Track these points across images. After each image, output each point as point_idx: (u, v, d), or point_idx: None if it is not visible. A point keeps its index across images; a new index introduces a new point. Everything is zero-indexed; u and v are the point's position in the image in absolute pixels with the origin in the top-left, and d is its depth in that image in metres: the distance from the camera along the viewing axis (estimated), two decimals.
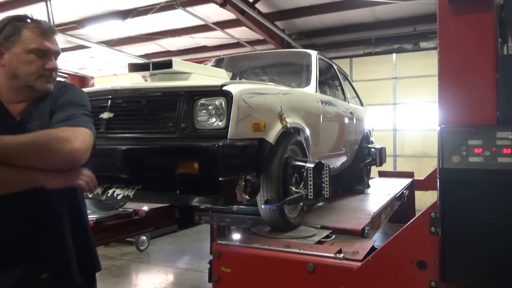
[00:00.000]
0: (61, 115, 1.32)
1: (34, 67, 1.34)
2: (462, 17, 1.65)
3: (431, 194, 4.84)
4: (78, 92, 1.46)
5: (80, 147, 1.23)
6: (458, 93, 1.65)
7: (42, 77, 1.36)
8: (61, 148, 1.19)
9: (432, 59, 8.00)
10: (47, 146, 1.18)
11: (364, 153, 4.31)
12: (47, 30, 1.38)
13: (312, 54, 3.42)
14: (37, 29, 1.36)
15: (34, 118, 1.34)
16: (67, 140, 1.21)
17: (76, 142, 1.22)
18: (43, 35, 1.36)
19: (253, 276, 1.93)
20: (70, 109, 1.34)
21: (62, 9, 7.32)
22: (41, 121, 1.33)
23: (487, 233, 1.50)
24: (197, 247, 5.67)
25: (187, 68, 2.35)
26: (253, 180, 2.02)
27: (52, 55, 1.39)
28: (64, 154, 1.20)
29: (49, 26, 1.42)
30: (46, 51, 1.36)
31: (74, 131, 1.26)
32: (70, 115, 1.31)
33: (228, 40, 9.02)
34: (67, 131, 1.24)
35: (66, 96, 1.40)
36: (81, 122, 1.30)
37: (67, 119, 1.30)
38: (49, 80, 1.37)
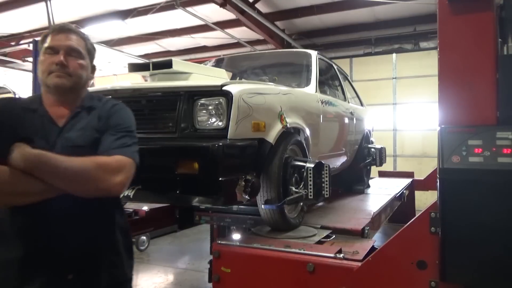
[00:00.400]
0: (113, 141, 1.34)
1: (45, 65, 1.38)
2: (462, 17, 1.65)
3: (431, 194, 4.84)
4: (128, 114, 1.48)
5: (123, 181, 1.27)
6: (458, 93, 1.65)
7: (52, 73, 1.37)
8: (107, 179, 1.23)
9: (432, 59, 8.00)
10: (94, 175, 1.22)
11: (364, 153, 4.31)
12: (58, 28, 1.42)
13: (312, 54, 3.42)
14: (52, 30, 1.43)
15: (77, 128, 1.37)
16: (116, 172, 1.25)
17: (122, 176, 1.26)
18: (54, 33, 1.41)
19: (253, 276, 1.93)
20: (122, 135, 1.37)
21: (62, 9, 7.32)
22: (84, 133, 1.36)
23: (487, 233, 1.50)
24: (197, 247, 5.67)
25: (187, 68, 2.35)
26: (253, 180, 2.02)
27: (62, 50, 1.39)
28: (108, 186, 1.24)
29: (63, 24, 1.46)
30: (56, 48, 1.39)
31: (123, 163, 1.29)
32: (123, 143, 1.34)
33: (228, 40, 9.02)
34: (117, 162, 1.28)
35: (117, 117, 1.42)
36: (130, 153, 1.33)
37: (120, 147, 1.33)
38: (59, 75, 1.37)
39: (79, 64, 1.41)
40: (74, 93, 1.43)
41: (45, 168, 1.19)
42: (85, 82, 1.47)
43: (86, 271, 1.33)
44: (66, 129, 1.37)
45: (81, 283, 1.32)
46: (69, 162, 1.22)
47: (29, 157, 1.19)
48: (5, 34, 9.15)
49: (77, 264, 1.31)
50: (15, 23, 8.41)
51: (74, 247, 1.30)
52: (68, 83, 1.38)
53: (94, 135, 1.36)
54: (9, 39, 9.36)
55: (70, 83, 1.39)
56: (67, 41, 1.40)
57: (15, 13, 7.64)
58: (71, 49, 1.40)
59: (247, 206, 2.66)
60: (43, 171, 1.19)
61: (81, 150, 1.30)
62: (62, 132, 1.36)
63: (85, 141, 1.34)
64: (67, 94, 1.42)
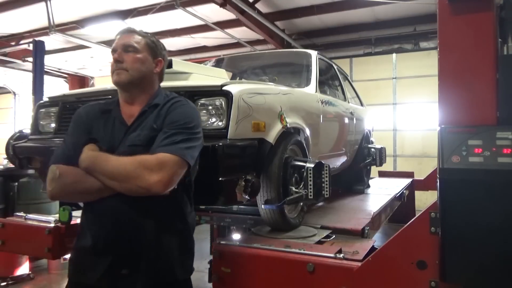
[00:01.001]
0: (163, 139, 1.37)
1: (111, 66, 1.49)
2: (462, 17, 1.65)
3: (431, 194, 4.84)
4: (185, 109, 1.48)
5: (164, 179, 1.29)
6: (458, 93, 1.65)
7: (113, 72, 1.47)
8: (145, 177, 1.27)
9: (432, 59, 8.00)
10: (133, 174, 1.28)
11: (364, 153, 4.31)
12: (119, 32, 1.53)
13: (312, 54, 3.42)
14: (115, 36, 1.54)
15: (137, 128, 1.43)
16: (155, 170, 1.28)
17: (162, 173, 1.28)
18: (117, 37, 1.52)
19: (253, 276, 1.93)
20: (174, 133, 1.38)
21: (62, 9, 7.32)
22: (142, 132, 1.42)
23: (487, 233, 1.50)
24: (197, 247, 5.62)
25: (187, 68, 2.35)
26: (253, 180, 2.02)
27: (119, 49, 1.48)
28: (147, 184, 1.27)
29: (126, 27, 1.57)
30: (115, 48, 1.49)
31: (164, 161, 1.31)
32: (172, 141, 1.36)
33: (228, 40, 9.02)
34: (157, 159, 1.30)
35: (174, 114, 1.44)
36: (177, 150, 1.34)
37: (167, 145, 1.35)
38: (117, 72, 1.46)
39: (134, 58, 1.47)
40: (138, 89, 1.49)
41: (97, 168, 1.32)
42: (148, 76, 1.51)
43: (133, 267, 1.38)
44: (132, 128, 1.44)
45: (134, 279, 1.37)
46: (115, 162, 1.31)
47: (87, 158, 1.35)
48: (5, 34, 9.15)
49: (127, 260, 1.38)
50: (15, 23, 8.41)
51: (121, 244, 1.37)
52: (125, 77, 1.45)
53: (151, 134, 1.40)
54: (9, 39, 9.36)
55: (127, 78, 1.45)
56: (123, 40, 1.49)
57: (15, 13, 7.64)
58: (127, 46, 1.47)
59: (247, 206, 2.66)
60: (96, 170, 1.32)
61: (139, 149, 1.36)
62: (128, 131, 1.43)
63: (141, 141, 1.39)
64: (131, 90, 1.48)
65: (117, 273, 1.37)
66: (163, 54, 1.58)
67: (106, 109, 1.53)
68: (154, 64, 1.53)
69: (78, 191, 1.37)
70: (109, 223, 1.38)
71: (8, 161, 3.91)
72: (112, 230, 1.38)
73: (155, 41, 1.56)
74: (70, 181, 1.36)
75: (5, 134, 8.12)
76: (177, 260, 1.47)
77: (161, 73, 1.59)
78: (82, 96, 2.41)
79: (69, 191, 1.37)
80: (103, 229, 1.39)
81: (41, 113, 2.55)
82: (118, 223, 1.37)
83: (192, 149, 1.39)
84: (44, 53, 7.83)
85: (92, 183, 1.33)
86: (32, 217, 2.78)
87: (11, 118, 14.73)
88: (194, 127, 1.43)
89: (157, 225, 1.40)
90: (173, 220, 1.46)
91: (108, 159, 1.32)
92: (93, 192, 1.35)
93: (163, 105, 1.48)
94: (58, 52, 10.16)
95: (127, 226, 1.37)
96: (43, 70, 7.85)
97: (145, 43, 1.51)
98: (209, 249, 4.00)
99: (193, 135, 1.41)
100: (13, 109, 14.85)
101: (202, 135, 1.49)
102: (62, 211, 2.50)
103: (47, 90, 7.47)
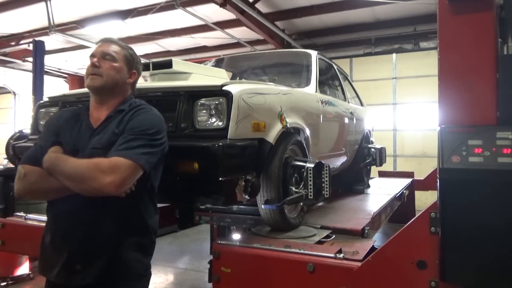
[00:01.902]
0: (120, 143, 1.43)
1: (86, 69, 1.57)
2: (462, 17, 1.65)
3: (431, 194, 4.84)
4: (147, 116, 1.55)
5: (115, 181, 1.34)
6: (458, 93, 1.65)
7: (88, 76, 1.54)
8: (98, 179, 1.32)
9: (432, 59, 8.00)
10: (88, 175, 1.33)
11: (364, 153, 4.31)
12: (102, 40, 1.62)
13: (312, 54, 3.42)
14: (96, 43, 1.62)
15: (101, 132, 1.50)
16: (107, 172, 1.33)
17: (114, 176, 1.34)
18: (98, 44, 1.61)
19: (253, 276, 1.93)
20: (132, 138, 1.44)
21: (62, 9, 7.32)
22: (103, 136, 1.49)
23: (487, 233, 1.50)
24: (197, 247, 5.67)
25: (187, 68, 2.35)
26: (253, 180, 2.02)
27: (98, 55, 1.55)
28: (100, 185, 1.32)
29: (108, 37, 1.65)
30: (94, 54, 1.57)
31: (117, 164, 1.36)
32: (128, 146, 1.42)
33: (228, 40, 9.02)
34: (110, 162, 1.36)
35: (135, 120, 1.51)
36: (132, 155, 1.39)
37: (123, 149, 1.41)
38: (92, 77, 1.53)
39: (111, 66, 1.55)
40: (109, 95, 1.57)
41: (56, 169, 1.38)
42: (121, 84, 1.59)
43: (88, 264, 1.43)
44: (96, 132, 1.51)
45: (85, 274, 1.42)
46: (73, 163, 1.38)
47: (48, 159, 1.41)
48: (5, 34, 9.15)
49: (81, 257, 1.43)
50: (15, 23, 8.41)
51: (76, 241, 1.43)
52: (98, 83, 1.53)
53: (112, 138, 1.46)
54: (9, 39, 9.36)
55: (100, 83, 1.53)
56: (103, 47, 1.57)
57: (15, 13, 7.64)
58: (105, 53, 1.56)
59: (247, 206, 2.66)
60: (55, 171, 1.39)
61: (99, 152, 1.42)
62: (93, 135, 1.50)
63: (102, 144, 1.46)
64: (103, 95, 1.56)
65: (72, 268, 1.43)
66: (138, 68, 1.68)
67: (77, 113, 1.61)
68: (128, 75, 1.62)
69: (40, 190, 1.46)
70: (66, 221, 1.45)
71: (8, 161, 3.91)
72: (69, 228, 1.45)
73: (133, 54, 1.66)
74: (33, 181, 1.44)
75: (5, 134, 8.13)
76: (136, 258, 1.51)
77: (134, 84, 1.69)
78: (82, 96, 2.41)
79: (33, 190, 1.47)
80: (61, 226, 1.47)
81: (41, 113, 2.55)
82: (74, 221, 1.44)
83: (149, 155, 1.44)
84: (44, 53, 7.83)
85: (52, 183, 1.40)
86: (32, 217, 2.78)
87: (11, 118, 14.74)
88: (154, 134, 1.48)
89: (112, 224, 1.46)
90: (130, 221, 1.50)
91: (67, 161, 1.39)
92: (53, 191, 1.43)
93: (127, 112, 1.54)
94: (58, 52, 10.16)
95: (82, 224, 1.44)
96: (43, 70, 7.84)
97: (124, 54, 1.60)
98: (209, 249, 4.00)
99: (152, 141, 1.47)
100: (13, 109, 14.85)
101: (164, 141, 1.53)
102: None
103: (47, 90, 7.47)
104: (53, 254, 1.47)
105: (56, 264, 1.44)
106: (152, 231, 1.59)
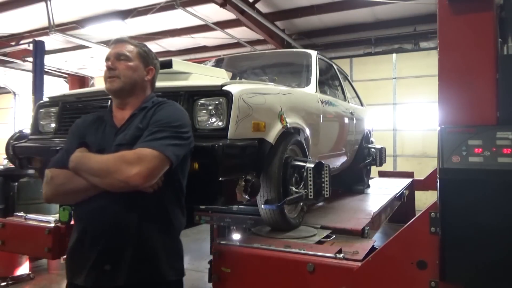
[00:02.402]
0: (146, 136, 1.42)
1: (104, 74, 1.57)
2: (462, 17, 1.65)
3: (431, 194, 4.84)
4: (171, 109, 1.54)
5: (141, 172, 1.32)
6: (458, 93, 1.65)
7: (106, 79, 1.55)
8: (123, 170, 1.31)
9: (432, 59, 8.00)
10: (113, 168, 1.32)
11: (364, 153, 4.31)
12: (114, 41, 1.62)
13: (312, 54, 3.42)
14: (109, 45, 1.65)
15: (124, 130, 1.50)
16: (133, 163, 1.32)
17: (140, 167, 1.32)
18: (111, 46, 1.61)
19: (253, 276, 1.93)
20: (157, 130, 1.43)
21: (62, 9, 7.32)
22: (128, 132, 1.48)
23: (487, 233, 1.50)
24: (197, 247, 5.67)
25: (187, 68, 2.35)
26: (253, 180, 2.01)
27: (112, 57, 1.55)
28: (125, 177, 1.31)
29: (119, 37, 1.66)
30: (108, 56, 1.57)
31: (142, 155, 1.35)
32: (153, 137, 1.40)
33: (228, 40, 9.02)
34: (135, 153, 1.35)
35: (159, 114, 1.50)
36: (158, 146, 1.37)
37: (148, 141, 1.39)
38: (110, 80, 1.54)
39: (126, 66, 1.54)
40: (130, 95, 1.56)
41: (81, 167, 1.38)
42: (139, 83, 1.58)
43: (116, 263, 1.40)
44: (120, 130, 1.51)
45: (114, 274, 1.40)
46: (98, 159, 1.38)
47: (74, 158, 1.41)
48: (5, 34, 9.15)
49: (109, 256, 1.40)
50: (15, 23, 8.41)
51: (104, 241, 1.41)
52: (117, 85, 1.53)
53: (136, 133, 1.45)
54: (9, 39, 9.36)
55: (119, 85, 1.53)
56: (116, 49, 1.57)
57: (15, 13, 7.64)
58: (119, 54, 1.56)
59: (247, 206, 2.66)
60: (81, 169, 1.39)
61: (124, 148, 1.40)
62: (117, 133, 1.50)
63: (127, 140, 1.45)
64: (123, 96, 1.56)
65: (100, 269, 1.40)
66: (155, 63, 1.67)
67: (100, 116, 1.62)
68: (146, 72, 1.61)
69: (68, 191, 1.45)
70: (94, 220, 1.43)
71: (8, 161, 3.91)
72: (96, 227, 1.43)
73: (147, 50, 1.65)
74: (60, 182, 1.45)
75: (5, 134, 8.12)
76: (164, 260, 1.48)
77: (153, 81, 1.67)
78: (82, 96, 2.41)
79: (60, 192, 1.46)
80: (88, 227, 1.45)
81: (41, 113, 2.55)
82: (102, 221, 1.42)
83: (176, 146, 1.42)
84: (44, 53, 7.83)
85: (79, 183, 1.40)
86: (32, 217, 2.78)
87: (11, 118, 14.73)
88: (179, 126, 1.47)
89: (140, 223, 1.43)
90: (157, 221, 1.48)
91: (91, 157, 1.40)
92: (81, 192, 1.42)
93: (150, 108, 1.54)
94: (58, 52, 10.16)
95: (110, 223, 1.41)
96: (43, 70, 7.85)
97: (137, 52, 1.59)
98: (209, 249, 4.00)
99: (177, 133, 1.45)
100: (13, 109, 14.85)
101: (190, 136, 1.52)
102: (62, 211, 2.50)
103: (47, 90, 7.47)
104: (82, 257, 1.44)
105: (85, 267, 1.41)
106: (178, 233, 1.57)
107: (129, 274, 1.40)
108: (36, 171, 3.03)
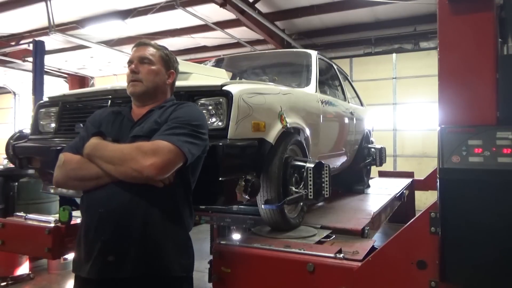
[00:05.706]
0: (164, 130, 1.43)
1: (126, 76, 1.60)
2: (462, 17, 1.65)
3: (431, 194, 4.84)
4: (191, 109, 1.56)
5: (156, 163, 1.33)
6: (458, 93, 1.65)
7: (129, 83, 1.58)
8: (139, 160, 1.33)
9: (432, 59, 8.00)
10: (128, 156, 1.34)
11: (364, 153, 4.31)
12: (137, 44, 1.63)
13: (312, 54, 3.42)
14: (132, 48, 1.64)
15: (141, 123, 1.52)
16: (149, 154, 1.33)
17: (155, 158, 1.33)
18: (133, 49, 1.63)
19: (253, 276, 1.93)
20: (175, 126, 1.44)
21: (62, 9, 7.32)
22: (145, 125, 1.50)
23: (487, 233, 1.50)
24: (197, 247, 5.62)
25: (187, 68, 2.34)
26: (253, 180, 2.02)
27: (135, 60, 1.57)
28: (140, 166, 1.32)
29: (140, 40, 1.67)
30: (131, 59, 1.59)
31: (159, 146, 1.36)
32: (171, 132, 1.42)
33: (228, 40, 9.02)
34: (152, 145, 1.37)
35: (179, 111, 1.52)
36: (175, 140, 1.39)
37: (166, 134, 1.41)
38: (133, 84, 1.56)
39: (149, 69, 1.57)
40: (151, 98, 1.59)
41: (96, 153, 1.40)
42: (161, 86, 1.61)
43: (120, 255, 1.39)
44: (137, 124, 1.53)
45: (119, 266, 1.38)
46: (114, 147, 1.40)
47: (89, 145, 1.43)
48: (5, 34, 9.15)
49: (113, 247, 1.39)
50: (15, 23, 8.41)
51: (109, 231, 1.40)
52: (140, 89, 1.55)
53: (153, 127, 1.47)
54: (9, 39, 9.36)
55: (142, 88, 1.55)
56: (139, 52, 1.59)
57: (15, 13, 7.63)
58: (142, 58, 1.58)
59: (247, 206, 2.66)
60: (95, 155, 1.40)
61: (140, 139, 1.43)
62: (134, 126, 1.52)
63: (143, 132, 1.47)
64: (145, 99, 1.58)
65: (104, 260, 1.39)
66: (175, 67, 1.69)
67: (119, 111, 1.64)
68: (167, 75, 1.64)
69: (78, 177, 1.45)
70: (100, 210, 1.42)
71: (8, 161, 3.91)
72: (102, 217, 1.42)
73: (169, 53, 1.67)
74: (72, 167, 1.45)
75: (5, 134, 8.13)
76: (171, 256, 1.47)
77: (173, 84, 1.70)
78: (82, 96, 2.41)
79: (70, 176, 1.46)
80: (95, 215, 1.43)
81: (41, 113, 2.55)
82: (108, 211, 1.41)
83: (192, 144, 1.43)
84: (44, 53, 7.83)
85: (91, 170, 1.41)
86: (32, 217, 2.78)
87: (11, 118, 14.74)
88: (198, 126, 1.48)
89: (146, 217, 1.42)
90: (165, 216, 1.47)
91: (108, 145, 1.41)
92: (92, 179, 1.42)
93: (169, 106, 1.56)
94: (58, 52, 10.16)
95: (116, 213, 1.41)
96: (43, 70, 7.85)
97: (160, 55, 1.61)
98: (209, 249, 4.00)
99: (195, 132, 1.46)
100: (13, 109, 14.85)
101: (207, 139, 1.54)
102: (62, 211, 2.50)
103: (47, 90, 7.47)
104: (87, 248, 1.43)
105: (90, 258, 1.40)
106: (186, 231, 1.56)
107: (133, 267, 1.39)
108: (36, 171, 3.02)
